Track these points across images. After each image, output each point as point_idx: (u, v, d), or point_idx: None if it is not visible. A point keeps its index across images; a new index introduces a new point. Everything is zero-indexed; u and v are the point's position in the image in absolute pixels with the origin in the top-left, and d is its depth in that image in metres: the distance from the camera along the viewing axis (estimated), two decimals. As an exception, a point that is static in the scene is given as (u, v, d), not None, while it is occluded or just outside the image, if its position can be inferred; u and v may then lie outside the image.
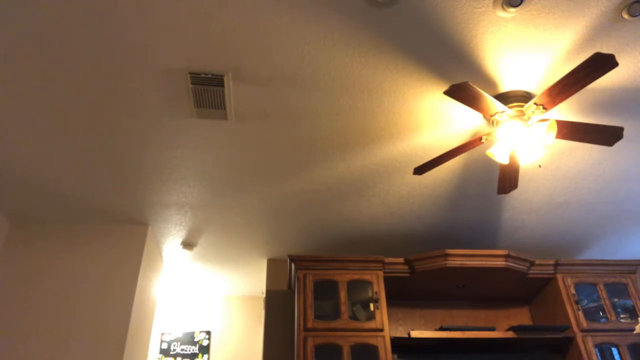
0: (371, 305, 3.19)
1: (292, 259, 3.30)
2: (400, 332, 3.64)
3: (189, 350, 4.39)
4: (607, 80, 2.28)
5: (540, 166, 2.64)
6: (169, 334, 4.48)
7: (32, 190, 3.00)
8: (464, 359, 3.35)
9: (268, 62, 2.13)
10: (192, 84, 2.19)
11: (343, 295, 3.19)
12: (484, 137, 2.33)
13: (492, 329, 3.21)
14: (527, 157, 2.21)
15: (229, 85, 2.23)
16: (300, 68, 2.17)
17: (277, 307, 3.80)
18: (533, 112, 2.16)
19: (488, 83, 2.26)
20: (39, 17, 1.89)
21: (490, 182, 3.06)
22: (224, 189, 3.03)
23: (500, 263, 3.27)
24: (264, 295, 4.19)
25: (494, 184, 3.08)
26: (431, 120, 2.50)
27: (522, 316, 3.81)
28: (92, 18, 1.90)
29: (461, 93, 2.01)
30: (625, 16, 1.94)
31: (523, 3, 1.88)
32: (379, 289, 3.23)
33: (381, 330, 3.07)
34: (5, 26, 1.92)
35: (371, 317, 3.14)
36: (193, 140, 2.61)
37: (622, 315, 3.39)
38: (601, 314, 3.38)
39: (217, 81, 2.19)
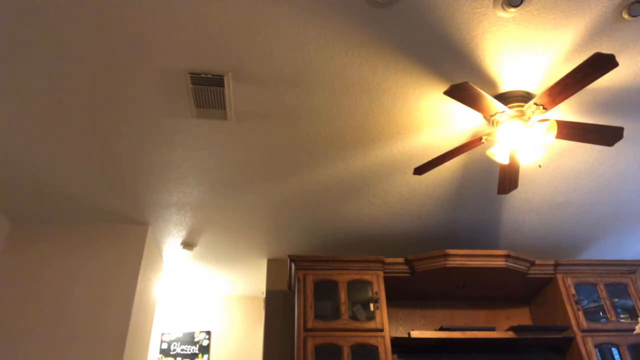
0: (371, 306, 3.19)
1: (292, 259, 3.29)
2: (400, 332, 3.64)
3: (189, 350, 4.39)
4: (607, 80, 2.28)
5: (540, 166, 2.63)
6: (169, 334, 4.47)
7: (32, 190, 3.00)
8: (464, 359, 3.35)
9: (268, 62, 2.13)
10: (192, 84, 2.19)
11: (343, 295, 3.18)
12: (484, 137, 2.33)
13: (492, 329, 3.21)
14: (527, 157, 2.21)
15: (229, 85, 2.23)
16: (301, 68, 2.17)
17: (277, 307, 3.80)
18: (533, 112, 2.16)
19: (488, 83, 2.26)
20: (39, 17, 1.89)
21: (490, 182, 3.06)
22: (224, 189, 3.03)
23: (500, 263, 3.27)
24: (264, 295, 4.19)
25: (494, 184, 3.08)
26: (431, 120, 2.50)
27: (522, 316, 3.81)
28: (92, 18, 1.90)
29: (461, 93, 2.01)
30: (625, 16, 1.94)
31: (523, 3, 1.88)
32: (379, 289, 3.23)
33: (381, 330, 3.07)
34: (5, 26, 1.92)
35: (371, 317, 3.14)
36: (193, 140, 2.61)
37: (622, 315, 3.39)
38: (601, 314, 3.37)
39: (217, 81, 2.19)
